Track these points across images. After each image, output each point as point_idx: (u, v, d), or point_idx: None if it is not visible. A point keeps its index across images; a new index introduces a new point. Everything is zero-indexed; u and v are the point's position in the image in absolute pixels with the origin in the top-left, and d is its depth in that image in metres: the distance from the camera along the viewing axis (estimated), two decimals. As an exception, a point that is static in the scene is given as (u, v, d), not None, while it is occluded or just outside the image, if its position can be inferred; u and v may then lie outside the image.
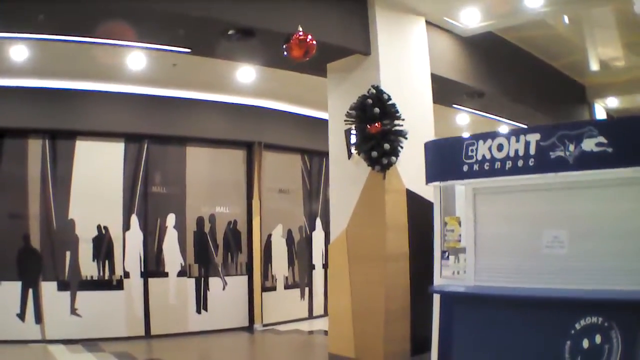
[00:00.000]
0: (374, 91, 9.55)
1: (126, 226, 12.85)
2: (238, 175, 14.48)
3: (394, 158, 9.45)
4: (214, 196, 14.03)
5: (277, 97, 14.43)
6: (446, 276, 8.20)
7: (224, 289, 13.89)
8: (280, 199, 15.17)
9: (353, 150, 9.94)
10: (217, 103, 13.93)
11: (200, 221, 13.76)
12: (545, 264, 7.18)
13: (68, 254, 12.31)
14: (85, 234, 12.46)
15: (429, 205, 8.93)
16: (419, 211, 9.65)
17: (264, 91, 13.85)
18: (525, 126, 12.35)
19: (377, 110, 9.40)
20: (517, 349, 7.01)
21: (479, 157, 7.48)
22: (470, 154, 7.57)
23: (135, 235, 12.94)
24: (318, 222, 15.91)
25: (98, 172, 12.67)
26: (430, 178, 8.31)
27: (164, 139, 13.40)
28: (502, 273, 7.55)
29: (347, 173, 10.25)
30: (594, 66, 13.67)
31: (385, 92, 9.58)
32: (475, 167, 7.52)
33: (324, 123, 11.41)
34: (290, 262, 15.26)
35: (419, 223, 9.59)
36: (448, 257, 8.18)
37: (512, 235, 7.56)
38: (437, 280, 8.16)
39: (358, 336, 9.84)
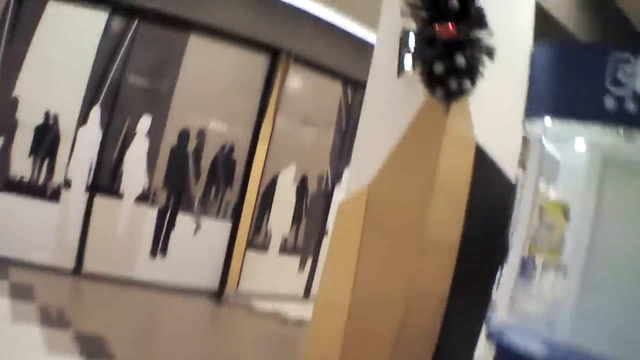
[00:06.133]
0: (453, -21, 6.86)
1: (82, 119, 10.73)
2: (251, 85, 12.05)
3: (468, 83, 6.38)
4: (211, 105, 11.85)
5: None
6: (518, 308, 5.90)
7: (195, 232, 11.68)
8: (302, 132, 13.15)
9: (407, 63, 6.88)
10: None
11: (183, 135, 11.53)
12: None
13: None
14: (28, 119, 10.50)
15: (505, 177, 6.81)
16: (489, 181, 6.88)
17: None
18: None
19: (455, 3, 6.48)
20: None
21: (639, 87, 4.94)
22: (621, 77, 5.07)
23: (92, 134, 10.79)
24: (346, 174, 13.00)
25: (65, 45, 10.68)
26: (534, 109, 6.13)
27: (161, 17, 11.08)
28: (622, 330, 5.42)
29: (390, 98, 7.31)
30: None
31: (468, -15, 6.93)
32: (630, 103, 4.99)
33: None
34: (296, 219, 13.09)
35: (486, 200, 6.88)
36: (532, 270, 5.29)
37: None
38: (501, 311, 5.70)
39: (349, 349, 7.21)
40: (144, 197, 11.25)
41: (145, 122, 11.15)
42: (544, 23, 8.50)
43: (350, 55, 12.68)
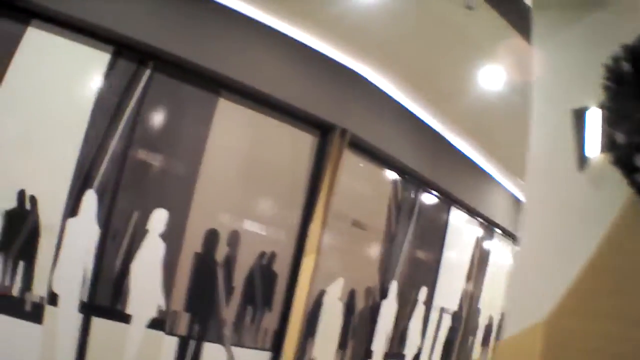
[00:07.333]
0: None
1: (72, 207, 7.93)
2: (296, 174, 9.77)
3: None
4: (248, 199, 9.35)
5: (398, 67, 9.80)
6: None
7: (227, 366, 9.34)
8: (352, 238, 10.71)
9: (589, 150, 5.43)
10: (289, 39, 9.29)
11: (211, 237, 8.96)
12: None
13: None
14: (-7, 201, 7.93)
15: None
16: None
17: (383, 49, 9.24)
18: None
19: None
20: None
21: None
22: None
23: (85, 230, 8.02)
24: (393, 285, 11.50)
25: (47, 94, 7.92)
26: None
27: (184, 68, 8.53)
28: None
29: (566, 199, 5.68)
30: None
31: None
32: None
33: (437, 140, 10.66)
34: (343, 343, 10.77)
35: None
36: None
37: None
38: None
39: None
40: (159, 322, 8.58)
41: (159, 218, 8.47)
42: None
43: (413, 139, 11.11)
